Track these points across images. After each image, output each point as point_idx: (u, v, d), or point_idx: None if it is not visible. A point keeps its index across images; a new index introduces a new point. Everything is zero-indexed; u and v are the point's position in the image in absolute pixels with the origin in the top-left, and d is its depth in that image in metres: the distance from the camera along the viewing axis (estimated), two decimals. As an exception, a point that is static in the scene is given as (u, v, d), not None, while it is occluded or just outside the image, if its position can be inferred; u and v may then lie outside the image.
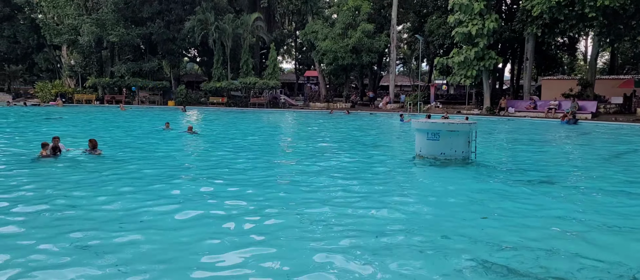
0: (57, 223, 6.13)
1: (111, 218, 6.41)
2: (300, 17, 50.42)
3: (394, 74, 45.66)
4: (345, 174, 10.23)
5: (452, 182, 9.65)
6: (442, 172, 10.56)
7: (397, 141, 18.55)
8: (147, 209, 6.91)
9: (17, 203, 7.05)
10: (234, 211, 6.82)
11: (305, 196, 7.90)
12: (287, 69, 72.97)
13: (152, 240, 5.48)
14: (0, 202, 7.08)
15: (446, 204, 7.64)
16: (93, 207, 6.94)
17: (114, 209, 6.89)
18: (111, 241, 5.41)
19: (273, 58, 44.75)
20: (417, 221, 6.51)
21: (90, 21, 41.45)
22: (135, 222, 6.19)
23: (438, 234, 5.89)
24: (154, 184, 8.81)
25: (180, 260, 4.87)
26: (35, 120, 25.52)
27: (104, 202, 7.23)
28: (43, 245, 5.24)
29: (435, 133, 11.58)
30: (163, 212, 6.74)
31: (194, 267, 4.67)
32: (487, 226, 6.28)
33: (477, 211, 7.13)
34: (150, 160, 11.97)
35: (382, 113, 38.73)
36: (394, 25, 42.80)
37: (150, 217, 6.49)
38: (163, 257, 4.94)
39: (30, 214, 6.53)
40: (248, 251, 5.16)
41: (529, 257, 5.10)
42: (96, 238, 5.50)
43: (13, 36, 48.60)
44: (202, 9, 43.46)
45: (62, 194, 7.75)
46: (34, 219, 6.29)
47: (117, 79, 44.62)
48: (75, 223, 6.10)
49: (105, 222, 6.17)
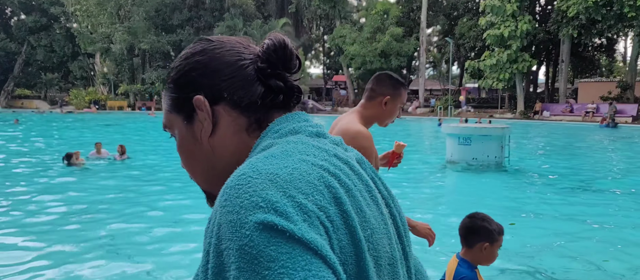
0: (88, 224, 6.08)
1: (138, 220, 6.31)
2: (328, 21, 50.35)
3: (423, 77, 44.92)
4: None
5: (484, 187, 9.20)
6: (474, 177, 10.08)
7: (427, 146, 18.04)
8: (174, 211, 6.80)
9: (62, 203, 7.04)
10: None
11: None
12: (315, 74, 72.95)
13: (182, 242, 5.32)
14: (39, 202, 7.11)
15: (477, 209, 7.19)
16: (119, 209, 6.88)
17: (141, 211, 6.81)
18: (141, 243, 5.31)
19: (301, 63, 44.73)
20: (446, 227, 6.13)
21: (123, 29, 42.47)
22: (164, 225, 6.06)
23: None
24: (179, 185, 8.69)
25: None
26: (93, 127, 26.17)
27: (130, 204, 7.15)
28: (72, 246, 5.19)
29: (467, 137, 11.09)
30: (189, 216, 6.60)
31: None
32: (517, 233, 5.91)
33: (509, 217, 6.71)
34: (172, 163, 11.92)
35: (411, 117, 38.09)
36: (423, 28, 42.12)
37: (179, 221, 6.36)
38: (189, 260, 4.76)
39: (64, 214, 6.54)
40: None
41: (559, 266, 4.80)
42: (126, 240, 5.42)
43: (49, 45, 50.30)
44: (231, 15, 43.92)
45: (94, 195, 7.73)
46: (66, 219, 6.29)
47: (147, 85, 45.51)
48: (105, 225, 6.05)
49: (132, 224, 6.07)
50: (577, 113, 32.58)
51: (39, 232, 5.83)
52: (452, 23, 44.23)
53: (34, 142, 17.08)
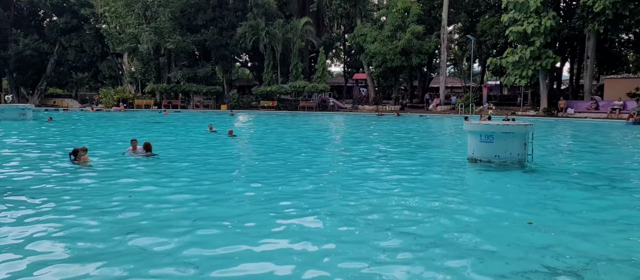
0: (114, 220, 6.53)
1: (163, 217, 6.76)
2: (348, 20, 50.56)
3: (444, 75, 44.79)
4: (395, 177, 10.17)
5: (506, 185, 9.38)
6: (496, 175, 10.28)
7: (448, 143, 18.22)
8: (194, 209, 7.22)
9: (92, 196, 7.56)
10: (288, 211, 7.00)
11: (353, 200, 7.91)
12: (335, 72, 73.21)
13: (210, 239, 5.74)
14: (62, 199, 7.62)
15: (499, 208, 7.40)
16: (145, 205, 7.34)
17: (166, 207, 7.24)
18: (169, 239, 5.73)
19: (322, 62, 45.14)
20: (466, 225, 6.38)
21: (149, 30, 43.52)
22: (188, 220, 6.47)
23: (488, 239, 5.72)
24: (205, 184, 9.16)
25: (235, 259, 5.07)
26: (135, 125, 27.09)
27: (157, 201, 7.62)
28: (98, 242, 5.58)
29: (489, 135, 11.32)
30: (214, 213, 7.02)
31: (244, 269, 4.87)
32: (538, 232, 6.01)
33: (529, 216, 6.81)
34: (196, 161, 12.44)
35: (432, 115, 38.07)
36: (444, 26, 42.00)
37: (205, 217, 6.77)
38: (220, 254, 5.17)
39: (90, 210, 6.96)
40: (298, 253, 5.31)
41: (581, 265, 4.87)
42: (152, 236, 5.84)
43: (80, 46, 51.78)
44: (253, 15, 44.56)
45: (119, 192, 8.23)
46: (91, 216, 6.71)
47: (173, 84, 46.53)
48: (132, 221, 6.49)
49: (158, 220, 6.52)
50: (602, 110, 32.13)
51: (67, 228, 6.14)
52: (473, 20, 43.93)
53: (70, 139, 17.89)
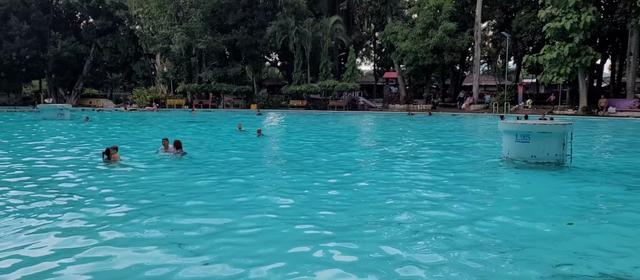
0: (150, 217, 6.49)
1: (196, 213, 6.66)
2: (379, 18, 50.02)
3: (477, 73, 43.70)
4: (427, 177, 9.86)
5: (542, 186, 8.96)
6: (532, 175, 9.83)
7: (482, 143, 17.65)
8: (224, 209, 7.12)
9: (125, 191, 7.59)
10: (313, 213, 6.80)
11: (384, 201, 7.68)
12: (365, 71, 72.67)
13: (238, 237, 5.60)
14: (101, 196, 7.66)
15: (535, 210, 7.06)
16: (177, 203, 7.27)
17: (196, 204, 7.17)
18: (200, 236, 5.61)
19: (352, 60, 44.82)
20: (502, 227, 6.08)
21: (181, 30, 44.24)
22: (216, 218, 6.38)
23: (524, 241, 5.46)
24: (234, 183, 9.08)
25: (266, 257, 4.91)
26: (155, 123, 27.67)
27: (186, 199, 7.55)
28: (134, 238, 5.55)
29: (525, 135, 10.81)
30: (240, 212, 6.89)
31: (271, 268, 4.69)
32: (577, 234, 5.78)
33: (568, 217, 6.53)
34: (224, 160, 12.41)
35: (465, 114, 37.20)
36: (478, 22, 40.96)
37: (231, 216, 6.65)
38: (252, 253, 5.02)
39: (126, 207, 6.96)
40: (324, 252, 5.10)
41: (623, 268, 4.62)
42: (185, 232, 5.74)
43: (115, 47, 53.18)
44: (283, 14, 44.64)
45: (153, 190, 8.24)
46: (129, 212, 6.70)
47: (204, 84, 47.18)
48: (167, 218, 6.42)
49: (190, 219, 6.43)
50: (646, 109, 30.62)
51: (103, 223, 6.22)
52: (508, 16, 42.70)
53: (104, 138, 18.28)
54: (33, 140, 17.58)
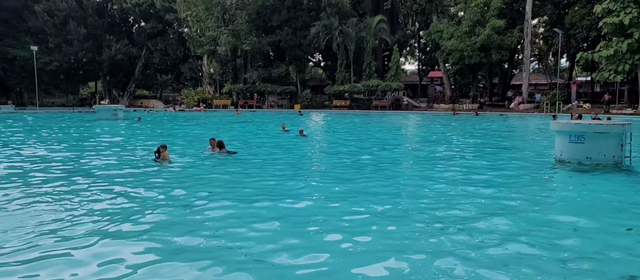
0: (196, 215, 6.67)
1: (241, 211, 6.78)
2: (424, 17, 49.25)
3: (527, 71, 42.17)
4: (476, 180, 9.55)
5: (598, 189, 8.50)
6: (588, 178, 9.35)
7: (533, 144, 17.00)
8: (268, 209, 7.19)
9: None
10: (359, 215, 6.77)
11: (429, 203, 7.52)
12: (409, 71, 71.74)
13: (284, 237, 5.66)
14: (144, 195, 7.95)
15: (591, 214, 6.69)
16: (224, 201, 7.43)
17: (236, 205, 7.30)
18: (245, 235, 5.71)
19: (396, 60, 44.37)
20: (557, 232, 5.81)
21: (227, 32, 45.28)
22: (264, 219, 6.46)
23: (581, 248, 5.20)
24: (276, 181, 9.17)
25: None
26: (202, 123, 28.57)
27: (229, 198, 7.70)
28: (178, 236, 5.70)
29: (580, 135, 10.33)
30: (285, 210, 6.96)
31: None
32: (637, 239, 5.45)
33: (627, 222, 6.15)
34: (267, 160, 12.56)
35: (514, 114, 35.98)
36: (528, 19, 39.52)
37: (278, 216, 6.72)
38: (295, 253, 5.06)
39: (172, 206, 7.18)
40: (370, 255, 5.07)
41: None
42: (230, 231, 5.86)
43: (164, 49, 55.17)
44: (327, 14, 44.78)
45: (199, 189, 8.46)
46: (174, 211, 6.91)
47: (249, 85, 48.07)
48: (211, 216, 6.58)
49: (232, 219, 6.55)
50: None
51: (150, 221, 6.38)
52: (561, 12, 41.00)
53: (154, 137, 18.98)
54: (89, 139, 18.49)
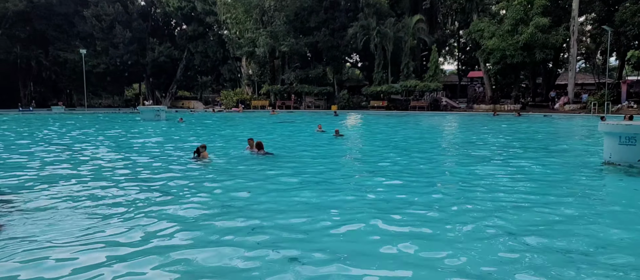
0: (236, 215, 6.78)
1: (282, 211, 6.84)
2: (464, 15, 48.26)
3: (573, 71, 40.56)
4: (519, 184, 9.26)
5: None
6: (638, 181, 8.90)
7: (580, 146, 16.33)
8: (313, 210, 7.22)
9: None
10: (397, 215, 6.71)
11: (472, 206, 7.35)
12: (449, 71, 70.38)
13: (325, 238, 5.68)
14: (186, 195, 8.14)
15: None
16: (264, 200, 7.52)
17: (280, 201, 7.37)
18: (287, 236, 5.76)
19: (434, 60, 43.68)
20: (607, 240, 5.54)
21: (265, 34, 45.89)
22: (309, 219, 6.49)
23: (631, 255, 4.94)
24: (313, 181, 9.20)
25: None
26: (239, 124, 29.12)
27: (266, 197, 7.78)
28: (221, 235, 5.81)
29: (630, 137, 9.86)
30: (321, 210, 6.96)
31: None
32: None
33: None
34: (306, 160, 12.60)
35: (559, 115, 34.69)
36: (575, 16, 38.02)
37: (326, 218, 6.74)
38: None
39: (214, 206, 7.32)
40: (409, 256, 5.01)
41: None
42: (272, 231, 5.92)
43: (205, 51, 56.50)
44: (365, 15, 44.61)
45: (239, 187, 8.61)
46: (216, 210, 7.05)
47: (286, 85, 48.53)
48: (254, 216, 6.68)
49: (276, 214, 6.62)
50: None
51: (188, 219, 6.56)
52: (611, 9, 39.23)
53: (194, 137, 19.46)
54: (133, 138, 19.18)
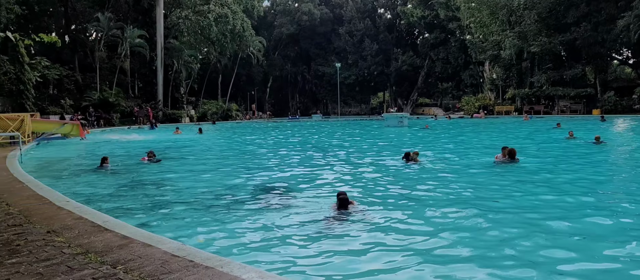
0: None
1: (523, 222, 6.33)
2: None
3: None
4: None
5: None
6: None
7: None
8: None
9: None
10: None
11: None
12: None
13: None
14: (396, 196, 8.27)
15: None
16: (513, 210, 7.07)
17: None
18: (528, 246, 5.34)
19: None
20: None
21: (513, 35, 42.95)
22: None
23: None
24: (566, 193, 8.15)
25: None
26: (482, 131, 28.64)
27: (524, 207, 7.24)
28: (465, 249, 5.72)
29: None
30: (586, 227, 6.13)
31: None
32: None
33: None
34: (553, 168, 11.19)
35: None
36: None
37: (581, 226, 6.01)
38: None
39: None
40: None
41: None
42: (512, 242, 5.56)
43: (446, 58, 56.49)
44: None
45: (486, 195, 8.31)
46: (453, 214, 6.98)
47: (536, 89, 44.36)
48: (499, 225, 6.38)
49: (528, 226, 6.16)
50: None
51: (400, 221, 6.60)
52: None
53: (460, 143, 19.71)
54: (379, 142, 20.62)
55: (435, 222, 6.48)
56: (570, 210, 7.14)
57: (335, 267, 4.79)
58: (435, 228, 6.17)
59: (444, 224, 6.42)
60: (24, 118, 19.88)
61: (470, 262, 4.84)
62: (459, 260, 4.90)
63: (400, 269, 4.71)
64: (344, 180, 10.35)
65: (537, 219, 6.55)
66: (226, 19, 44.95)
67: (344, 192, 7.43)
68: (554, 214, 6.85)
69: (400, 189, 9.04)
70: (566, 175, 10.57)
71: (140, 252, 3.95)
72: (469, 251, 5.20)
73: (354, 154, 16.33)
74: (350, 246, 5.45)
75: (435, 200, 7.94)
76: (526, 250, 5.18)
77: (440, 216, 6.83)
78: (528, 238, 5.58)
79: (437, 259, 4.95)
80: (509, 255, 5.04)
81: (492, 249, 5.30)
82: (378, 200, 7.96)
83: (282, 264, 4.91)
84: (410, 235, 5.88)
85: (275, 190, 9.20)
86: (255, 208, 7.59)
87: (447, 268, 4.68)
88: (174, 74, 45.98)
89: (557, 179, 10.12)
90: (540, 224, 6.24)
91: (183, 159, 15.50)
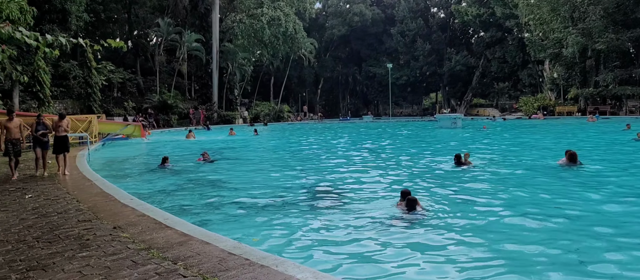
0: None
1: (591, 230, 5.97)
2: None
3: None
4: None
5: None
6: None
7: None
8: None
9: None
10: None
11: None
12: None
13: None
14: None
15: None
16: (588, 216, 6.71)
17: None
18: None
19: None
20: None
21: (576, 32, 40.71)
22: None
23: None
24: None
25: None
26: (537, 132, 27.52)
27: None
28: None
29: None
30: None
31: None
32: None
33: None
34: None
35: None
36: None
37: None
38: None
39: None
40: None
41: None
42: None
43: (502, 57, 54.40)
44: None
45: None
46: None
47: (601, 88, 41.82)
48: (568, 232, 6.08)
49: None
50: None
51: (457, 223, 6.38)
52: None
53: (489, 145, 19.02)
54: (433, 143, 20.17)
55: (496, 229, 6.27)
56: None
57: (391, 270, 4.75)
58: (496, 235, 5.96)
59: (506, 230, 6.20)
60: (91, 119, 21.17)
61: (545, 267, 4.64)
62: (528, 265, 4.72)
63: (465, 272, 4.60)
64: (398, 182, 10.22)
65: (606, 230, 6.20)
66: (279, 22, 45.71)
67: (409, 190, 7.47)
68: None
69: (457, 193, 8.80)
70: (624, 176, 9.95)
71: (199, 249, 4.09)
72: (544, 258, 5.03)
73: (407, 155, 16.11)
74: (406, 248, 5.38)
75: (495, 205, 7.68)
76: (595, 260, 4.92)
77: (502, 222, 6.61)
78: (596, 248, 5.29)
79: (502, 265, 4.81)
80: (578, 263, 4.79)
81: (565, 256, 5.07)
82: (437, 205, 7.78)
83: (336, 264, 4.93)
84: (472, 238, 5.73)
85: (329, 191, 9.24)
86: (309, 208, 7.67)
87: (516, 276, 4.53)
88: (228, 76, 47.30)
89: (621, 183, 9.52)
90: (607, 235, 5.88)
91: (238, 160, 15.91)
